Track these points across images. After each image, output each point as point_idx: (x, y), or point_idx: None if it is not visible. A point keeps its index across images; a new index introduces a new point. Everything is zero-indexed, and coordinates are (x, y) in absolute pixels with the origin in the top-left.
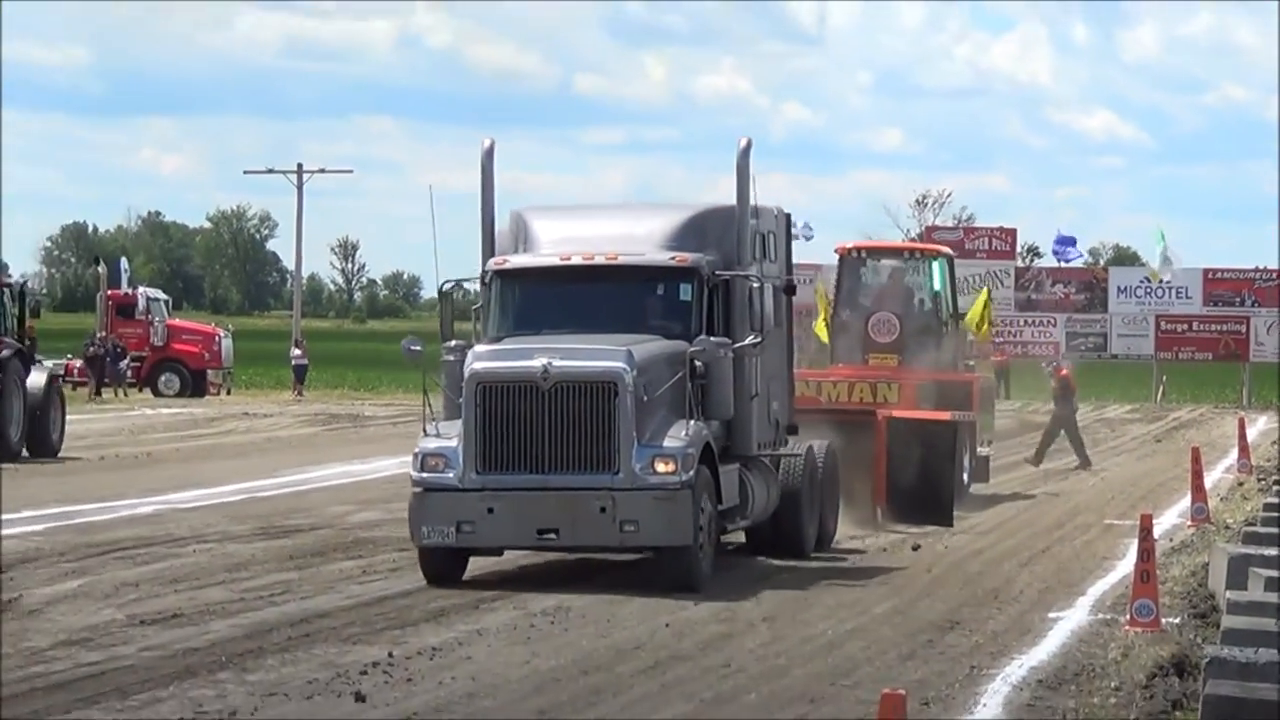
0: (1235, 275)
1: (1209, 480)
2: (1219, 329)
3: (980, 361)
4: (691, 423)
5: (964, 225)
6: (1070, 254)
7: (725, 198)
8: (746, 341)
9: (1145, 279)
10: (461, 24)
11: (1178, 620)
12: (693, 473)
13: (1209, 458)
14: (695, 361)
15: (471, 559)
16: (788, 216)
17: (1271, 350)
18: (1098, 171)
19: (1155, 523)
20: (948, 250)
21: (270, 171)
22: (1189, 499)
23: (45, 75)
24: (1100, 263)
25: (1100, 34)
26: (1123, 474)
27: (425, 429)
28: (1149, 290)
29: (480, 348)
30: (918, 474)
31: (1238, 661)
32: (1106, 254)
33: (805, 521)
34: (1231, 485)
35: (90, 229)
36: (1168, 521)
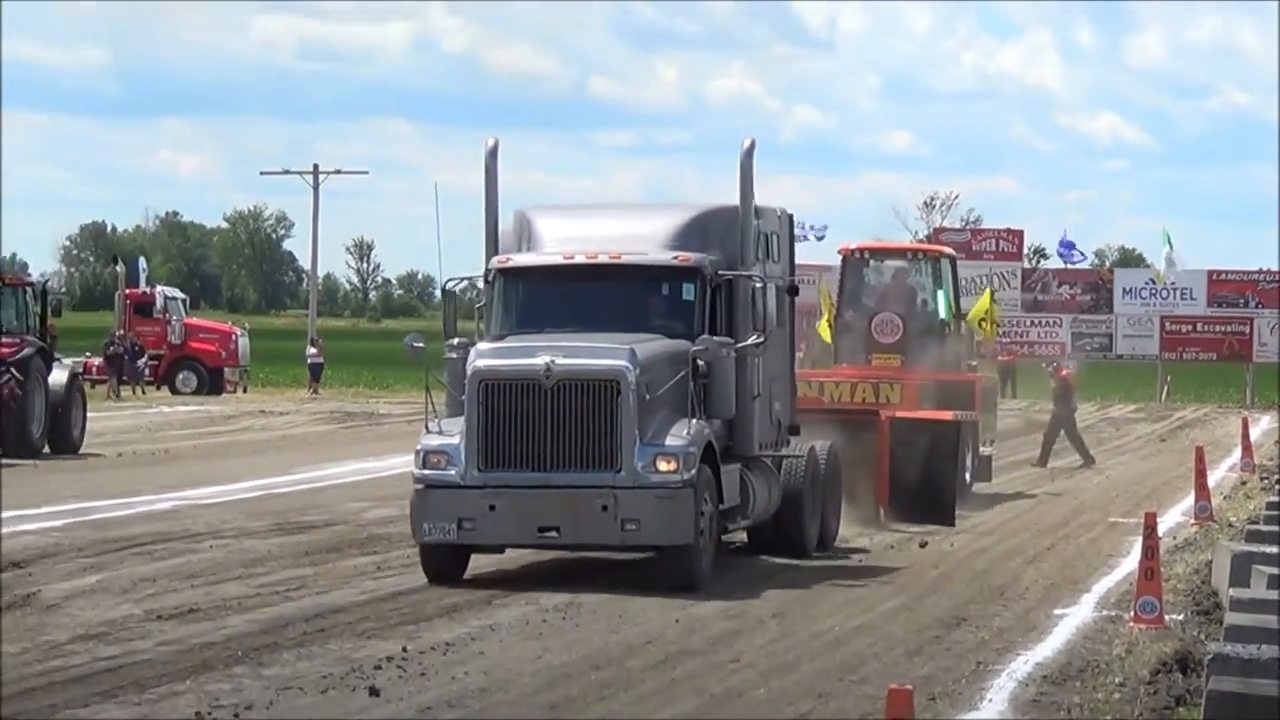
0: (1239, 277)
1: (1212, 479)
2: (1223, 330)
3: (983, 361)
4: (693, 422)
5: (971, 227)
6: (1073, 256)
7: (733, 198)
8: (749, 341)
9: (1150, 280)
10: (477, 28)
11: (1181, 617)
12: (694, 472)
13: (1212, 457)
14: (698, 361)
15: (479, 557)
16: (791, 217)
17: (1274, 350)
18: (1103, 174)
19: (1159, 521)
20: (950, 251)
21: (287, 172)
22: (1193, 497)
23: (64, 77)
24: (1106, 264)
25: (1106, 39)
26: (1127, 473)
27: (428, 426)
28: (1154, 291)
29: (483, 345)
30: (920, 474)
31: (1240, 658)
32: (1112, 256)
33: (807, 522)
34: (1235, 484)
35: (109, 229)
36: (1171, 520)
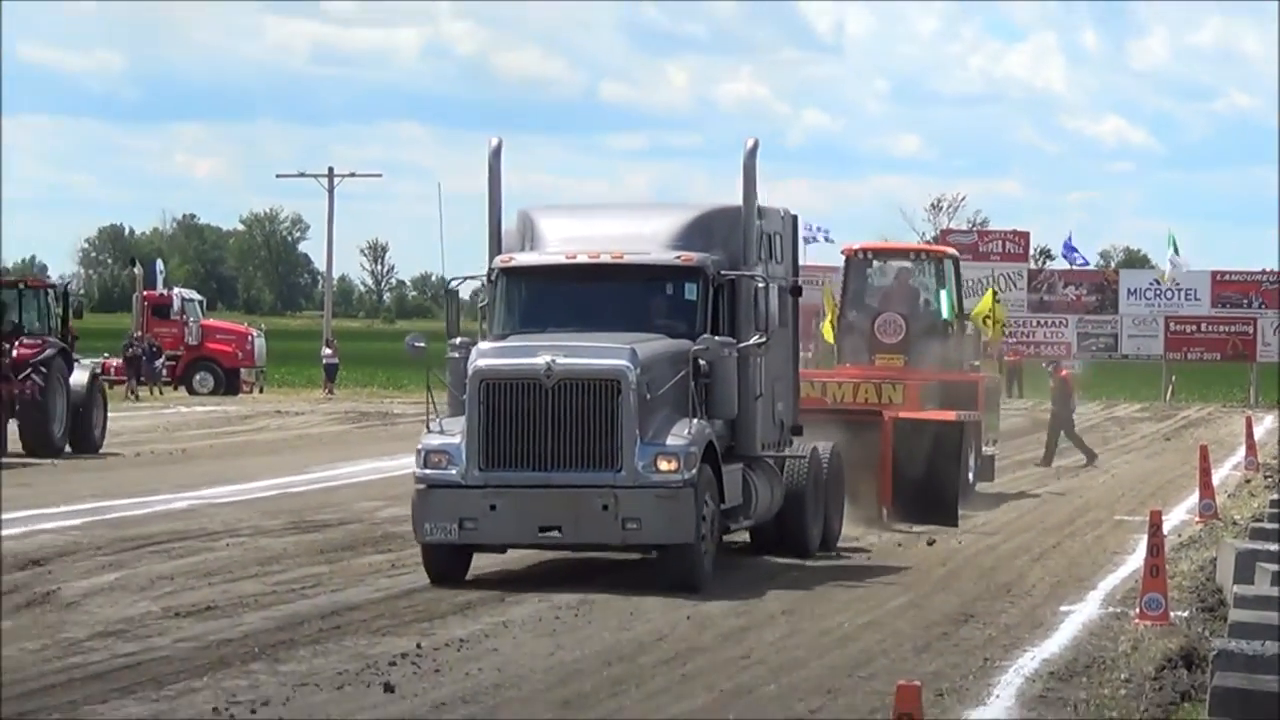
0: (1242, 277)
1: (1217, 477)
2: (1227, 330)
3: (985, 361)
4: (695, 421)
5: (978, 229)
6: (1077, 258)
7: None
8: (751, 341)
9: (1155, 281)
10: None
11: (1186, 614)
12: (695, 471)
13: (1217, 455)
14: (699, 360)
15: (487, 556)
16: (795, 218)
17: (1277, 350)
18: (1108, 176)
19: (1164, 519)
20: (953, 251)
21: (302, 175)
22: (1197, 496)
23: (81, 81)
24: (1111, 265)
25: (1110, 42)
26: (1132, 471)
27: (429, 425)
28: (1158, 292)
29: (484, 345)
30: (923, 474)
31: (1244, 654)
32: (1117, 257)
33: (810, 522)
34: (1239, 482)
35: (127, 231)
36: (1176, 518)
